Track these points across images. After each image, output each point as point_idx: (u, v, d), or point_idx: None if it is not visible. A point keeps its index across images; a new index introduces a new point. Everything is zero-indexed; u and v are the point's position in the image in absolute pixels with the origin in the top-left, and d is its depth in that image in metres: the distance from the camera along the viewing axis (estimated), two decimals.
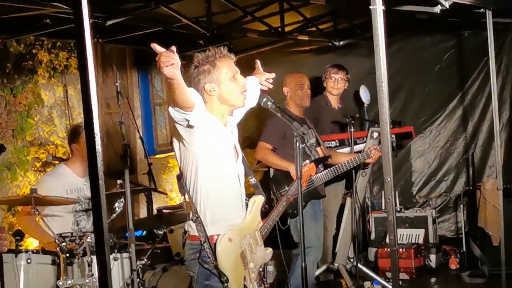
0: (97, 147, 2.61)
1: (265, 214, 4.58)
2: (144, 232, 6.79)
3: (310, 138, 4.37)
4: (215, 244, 4.03)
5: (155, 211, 7.65)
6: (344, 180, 7.55)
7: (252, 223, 4.28)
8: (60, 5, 5.69)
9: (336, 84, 7.52)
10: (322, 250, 6.60)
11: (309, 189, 6.12)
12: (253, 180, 4.41)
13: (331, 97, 7.59)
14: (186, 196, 4.11)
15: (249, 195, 4.35)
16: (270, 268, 7.17)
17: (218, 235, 4.05)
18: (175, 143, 4.11)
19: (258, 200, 4.33)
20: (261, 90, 4.54)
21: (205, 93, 4.09)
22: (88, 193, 6.05)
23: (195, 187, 4.06)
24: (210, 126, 4.06)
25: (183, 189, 4.14)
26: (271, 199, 6.11)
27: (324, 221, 7.32)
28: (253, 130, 7.79)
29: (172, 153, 4.24)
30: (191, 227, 4.11)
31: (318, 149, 6.37)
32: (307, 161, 5.72)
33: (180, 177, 4.17)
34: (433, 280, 7.71)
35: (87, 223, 5.98)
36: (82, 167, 6.12)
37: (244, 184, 4.28)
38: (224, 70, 4.07)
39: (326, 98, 7.60)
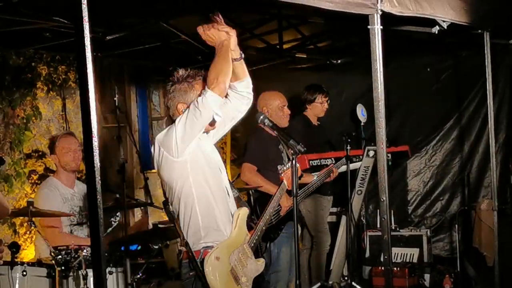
0: (95, 161, 2.63)
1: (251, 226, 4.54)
2: (139, 247, 6.77)
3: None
4: (202, 261, 4.00)
5: (150, 226, 7.64)
6: (331, 197, 7.57)
7: (239, 237, 4.21)
8: (61, 19, 5.73)
9: (324, 107, 7.67)
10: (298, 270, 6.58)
11: (288, 210, 6.11)
12: (234, 193, 4.39)
13: (313, 117, 7.67)
14: (175, 223, 4.10)
15: None
16: None
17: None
18: (163, 164, 4.08)
19: (243, 212, 4.26)
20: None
21: (176, 112, 4.10)
22: (78, 203, 6.07)
23: (186, 206, 4.05)
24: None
25: (171, 214, 4.11)
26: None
27: (318, 238, 7.34)
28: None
29: None
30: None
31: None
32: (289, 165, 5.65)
33: (166, 203, 4.15)
34: None
35: (80, 234, 5.98)
36: (69, 177, 6.13)
37: (232, 197, 4.28)
38: (198, 93, 4.01)
39: (307, 118, 7.65)
